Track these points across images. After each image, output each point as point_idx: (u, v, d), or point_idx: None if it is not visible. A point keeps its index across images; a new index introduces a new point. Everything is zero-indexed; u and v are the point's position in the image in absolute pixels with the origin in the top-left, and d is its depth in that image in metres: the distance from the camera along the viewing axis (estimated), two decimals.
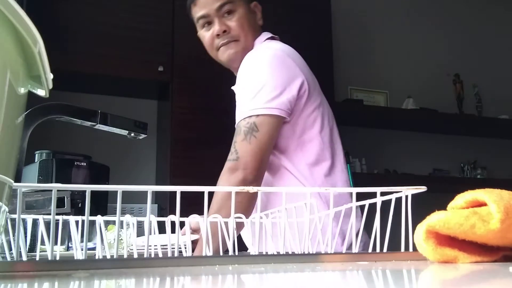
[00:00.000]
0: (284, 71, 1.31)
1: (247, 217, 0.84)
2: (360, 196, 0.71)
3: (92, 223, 0.78)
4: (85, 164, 1.55)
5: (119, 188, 0.58)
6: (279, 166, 1.34)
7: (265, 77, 1.29)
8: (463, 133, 3.77)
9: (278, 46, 1.37)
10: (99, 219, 0.75)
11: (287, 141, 1.33)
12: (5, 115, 0.38)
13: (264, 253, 0.84)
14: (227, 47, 1.40)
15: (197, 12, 1.42)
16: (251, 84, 1.30)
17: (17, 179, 0.49)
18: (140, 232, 1.40)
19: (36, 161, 1.52)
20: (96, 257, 0.74)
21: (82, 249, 0.74)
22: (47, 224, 0.69)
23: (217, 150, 1.76)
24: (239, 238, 1.28)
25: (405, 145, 3.68)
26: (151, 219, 0.62)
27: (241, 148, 1.26)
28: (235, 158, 1.26)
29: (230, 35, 1.39)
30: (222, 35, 1.39)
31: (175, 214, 0.64)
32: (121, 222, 0.77)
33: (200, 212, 0.82)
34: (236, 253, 0.69)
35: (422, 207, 0.73)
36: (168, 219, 0.83)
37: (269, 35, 1.46)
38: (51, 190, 0.56)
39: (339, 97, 3.36)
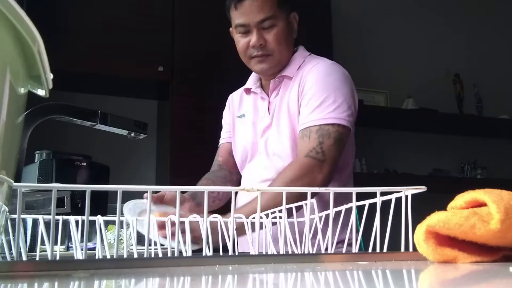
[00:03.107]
0: (354, 90, 1.43)
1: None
2: (360, 196, 0.71)
3: (92, 223, 0.78)
4: (85, 164, 1.55)
5: (119, 188, 0.58)
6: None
7: (345, 90, 1.38)
8: (463, 133, 3.77)
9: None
10: (99, 219, 0.75)
11: (345, 158, 1.44)
12: (5, 115, 0.38)
13: (264, 253, 0.84)
14: (262, 61, 1.44)
15: (237, 17, 1.43)
16: (333, 91, 1.37)
17: (17, 179, 0.49)
18: (140, 232, 1.40)
19: (36, 161, 1.52)
20: (96, 257, 0.74)
21: (82, 249, 0.74)
22: (47, 224, 0.69)
23: (217, 150, 1.75)
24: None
25: (405, 145, 3.68)
26: (151, 219, 0.62)
27: (330, 152, 1.32)
28: (322, 158, 1.31)
29: (266, 48, 1.42)
30: (258, 47, 1.42)
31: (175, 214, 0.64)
32: (121, 222, 0.77)
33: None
34: (236, 253, 0.69)
35: (422, 207, 0.73)
36: (168, 219, 0.83)
37: (303, 49, 1.54)
38: (51, 190, 0.56)
39: None
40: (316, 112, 1.35)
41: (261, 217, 0.77)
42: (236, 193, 0.71)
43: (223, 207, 1.51)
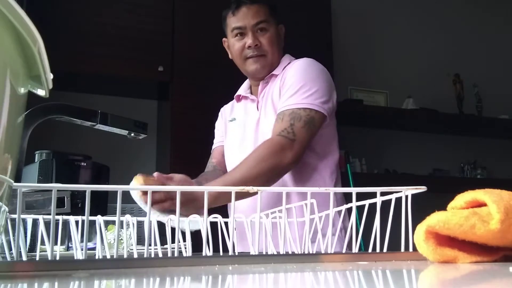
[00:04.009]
0: (332, 84, 1.54)
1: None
2: (360, 196, 0.71)
3: (92, 223, 0.78)
4: (85, 164, 1.55)
5: (119, 188, 0.58)
6: (314, 168, 1.51)
7: (320, 80, 1.49)
8: (463, 133, 3.77)
9: None
10: (99, 219, 0.75)
11: (327, 146, 1.54)
12: (5, 115, 0.38)
13: (264, 253, 0.84)
14: (257, 61, 1.56)
15: (234, 22, 1.57)
16: (309, 81, 1.48)
17: (17, 179, 0.49)
18: (140, 232, 1.40)
19: (36, 161, 1.52)
20: (96, 257, 0.74)
21: (82, 249, 0.74)
22: (47, 224, 0.69)
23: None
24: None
25: (405, 145, 3.68)
26: (151, 219, 0.62)
27: (300, 133, 1.41)
28: (292, 138, 1.40)
29: (260, 49, 1.56)
30: (254, 48, 1.55)
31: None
32: (121, 222, 0.77)
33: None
34: (236, 253, 0.69)
35: (422, 207, 0.73)
36: (168, 219, 0.83)
37: (289, 56, 1.65)
38: (51, 190, 0.56)
39: (339, 97, 3.32)
40: (291, 98, 1.46)
41: (260, 217, 0.77)
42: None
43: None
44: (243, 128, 1.62)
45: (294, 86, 1.48)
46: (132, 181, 1.20)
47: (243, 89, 1.69)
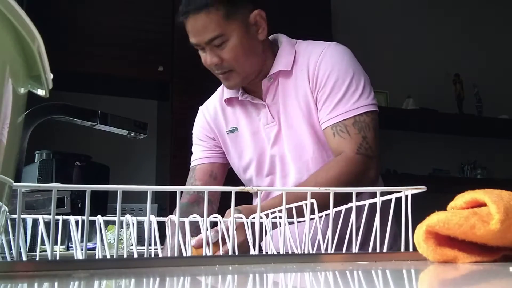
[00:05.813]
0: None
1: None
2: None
3: (92, 223, 0.78)
4: (85, 164, 1.55)
5: (119, 188, 0.58)
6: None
7: (360, 71, 1.32)
8: (463, 133, 3.77)
9: None
10: (99, 219, 0.75)
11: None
12: (5, 115, 0.38)
13: (264, 253, 0.84)
14: (226, 78, 1.32)
15: (189, 35, 1.32)
16: (352, 77, 1.29)
17: (17, 179, 0.49)
18: (140, 232, 1.40)
19: (36, 161, 1.52)
20: (96, 257, 0.74)
21: (82, 249, 0.74)
22: (47, 224, 0.69)
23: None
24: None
25: (405, 145, 3.68)
26: (151, 219, 0.62)
27: (375, 145, 1.27)
28: (371, 154, 1.25)
29: (224, 66, 1.29)
30: (214, 67, 1.30)
31: (175, 214, 0.64)
32: (121, 222, 0.77)
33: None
34: (236, 253, 0.69)
35: (422, 207, 0.73)
36: (168, 219, 0.83)
37: (287, 38, 1.44)
38: (51, 190, 0.56)
39: None
40: (342, 104, 1.27)
41: (261, 217, 0.76)
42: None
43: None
44: (254, 143, 1.38)
45: (338, 88, 1.27)
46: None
47: (230, 91, 1.40)
